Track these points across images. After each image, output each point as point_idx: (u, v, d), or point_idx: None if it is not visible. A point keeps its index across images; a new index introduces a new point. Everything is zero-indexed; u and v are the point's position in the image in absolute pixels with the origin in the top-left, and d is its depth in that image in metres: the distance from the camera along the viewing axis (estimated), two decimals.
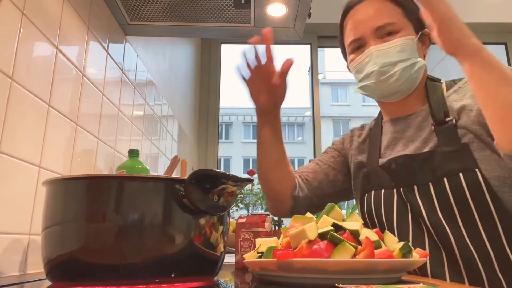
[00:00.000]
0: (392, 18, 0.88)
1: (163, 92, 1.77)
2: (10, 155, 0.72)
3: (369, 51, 0.88)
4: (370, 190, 0.92)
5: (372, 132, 1.01)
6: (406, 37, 0.87)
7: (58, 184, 0.53)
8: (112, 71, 1.18)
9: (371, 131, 1.02)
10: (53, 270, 0.52)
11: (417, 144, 0.87)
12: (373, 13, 0.89)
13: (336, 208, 0.61)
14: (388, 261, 0.51)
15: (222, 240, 0.58)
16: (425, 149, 0.84)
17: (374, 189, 0.91)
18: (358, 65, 0.91)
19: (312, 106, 2.77)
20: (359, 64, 0.91)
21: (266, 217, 0.81)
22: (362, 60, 0.90)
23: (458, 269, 0.77)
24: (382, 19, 0.88)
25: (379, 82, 0.88)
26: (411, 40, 0.87)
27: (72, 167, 0.93)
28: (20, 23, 0.75)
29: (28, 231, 0.77)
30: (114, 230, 0.49)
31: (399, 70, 0.85)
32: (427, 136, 0.86)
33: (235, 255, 0.82)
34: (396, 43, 0.86)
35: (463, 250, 0.76)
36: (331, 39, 2.82)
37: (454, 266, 0.77)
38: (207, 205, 0.51)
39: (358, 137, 1.05)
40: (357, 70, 0.92)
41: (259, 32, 0.85)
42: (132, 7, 1.13)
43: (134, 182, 0.51)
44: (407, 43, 0.86)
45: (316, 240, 0.53)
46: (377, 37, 0.88)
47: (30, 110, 0.78)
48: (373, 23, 0.88)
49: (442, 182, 0.78)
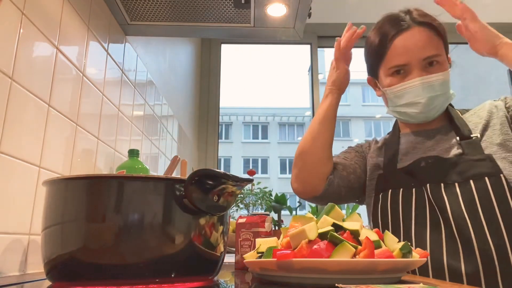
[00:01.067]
0: (438, 50, 0.93)
1: (163, 92, 1.77)
2: (10, 155, 0.72)
3: (415, 82, 0.92)
4: (387, 190, 0.94)
5: (388, 141, 1.05)
6: (447, 71, 0.93)
7: (58, 184, 0.53)
8: (112, 71, 1.18)
9: (387, 140, 1.06)
10: (53, 270, 0.52)
11: (438, 152, 0.92)
12: (423, 43, 0.93)
13: (336, 208, 0.61)
14: (388, 261, 0.51)
15: (222, 240, 0.58)
16: (449, 156, 0.90)
17: (391, 188, 0.93)
18: (399, 91, 0.95)
19: (312, 106, 2.77)
20: (401, 90, 0.94)
21: (266, 217, 0.81)
22: (405, 87, 0.94)
23: (474, 259, 0.79)
24: (431, 50, 0.92)
25: (422, 113, 0.94)
26: (448, 73, 0.94)
27: (72, 167, 0.93)
28: (20, 23, 0.75)
29: (28, 231, 0.77)
30: (114, 230, 0.49)
31: (440, 103, 0.93)
32: (448, 147, 0.92)
33: (235, 255, 0.82)
34: (440, 77, 0.92)
35: (481, 242, 0.79)
36: (331, 39, 2.81)
37: (469, 257, 0.80)
38: (207, 205, 0.51)
39: (375, 144, 1.08)
40: (397, 96, 0.96)
41: (259, 32, 0.86)
42: (132, 7, 1.13)
43: (134, 182, 0.51)
44: (447, 76, 0.93)
45: (316, 240, 0.53)
46: (422, 67, 0.93)
47: (30, 110, 0.78)
48: (423, 53, 0.92)
49: (469, 183, 0.84)
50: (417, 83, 0.92)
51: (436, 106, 0.93)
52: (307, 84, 22.72)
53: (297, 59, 26.18)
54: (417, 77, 0.91)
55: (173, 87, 2.01)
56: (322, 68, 4.00)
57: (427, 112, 0.94)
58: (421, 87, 0.91)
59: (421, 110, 0.93)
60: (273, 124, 19.21)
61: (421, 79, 0.91)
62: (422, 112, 0.93)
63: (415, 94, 0.92)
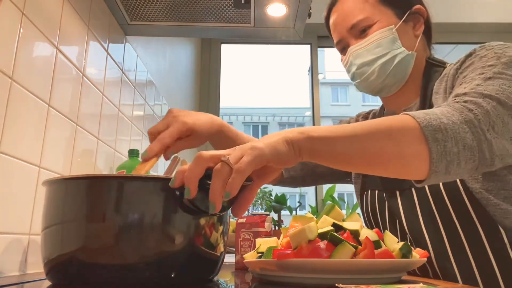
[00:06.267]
0: (363, 13, 0.85)
1: (163, 92, 1.77)
2: (10, 155, 0.72)
3: (348, 53, 0.88)
4: (367, 189, 0.93)
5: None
6: (381, 30, 0.84)
7: (58, 184, 0.53)
8: (112, 71, 1.18)
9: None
10: (53, 270, 0.52)
11: None
12: (346, 11, 0.88)
13: (336, 208, 0.61)
14: (388, 261, 0.51)
15: (222, 240, 0.58)
16: None
17: (370, 189, 0.92)
18: (345, 67, 0.92)
19: (312, 106, 2.77)
20: (345, 66, 0.92)
21: (266, 217, 0.81)
22: (345, 62, 0.91)
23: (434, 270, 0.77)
24: (354, 17, 0.86)
25: (361, 82, 0.88)
26: (388, 31, 0.84)
27: (72, 167, 0.93)
28: (20, 23, 0.75)
29: (28, 231, 0.77)
30: (114, 230, 0.49)
31: (377, 67, 0.84)
32: None
33: (235, 255, 0.82)
34: (370, 40, 0.84)
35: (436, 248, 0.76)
36: (331, 39, 2.81)
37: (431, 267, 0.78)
38: (207, 205, 0.51)
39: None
40: (347, 71, 0.93)
41: (259, 32, 0.86)
42: (132, 7, 1.13)
43: (134, 182, 0.51)
44: (383, 36, 0.83)
45: (316, 240, 0.53)
46: (354, 36, 0.87)
47: (30, 110, 0.78)
48: (347, 23, 0.87)
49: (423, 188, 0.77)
50: (349, 53, 0.88)
51: (374, 72, 0.85)
52: (307, 84, 22.73)
53: (297, 59, 26.18)
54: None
55: (173, 87, 2.01)
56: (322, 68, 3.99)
57: (366, 80, 0.87)
58: (352, 57, 0.87)
59: (358, 78, 0.88)
60: (273, 124, 19.19)
61: (351, 48, 0.87)
62: (361, 80, 0.88)
63: (351, 66, 0.88)
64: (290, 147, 0.52)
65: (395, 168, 0.57)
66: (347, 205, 2.49)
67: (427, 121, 0.56)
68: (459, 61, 0.79)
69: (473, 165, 0.58)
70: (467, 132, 0.57)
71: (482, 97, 0.62)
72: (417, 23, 0.88)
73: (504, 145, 0.60)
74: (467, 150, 0.57)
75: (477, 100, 0.61)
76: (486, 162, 0.59)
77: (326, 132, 0.55)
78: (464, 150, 0.57)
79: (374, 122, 0.57)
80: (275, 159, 0.51)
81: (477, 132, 0.58)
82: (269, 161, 0.51)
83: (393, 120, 0.58)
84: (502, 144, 0.60)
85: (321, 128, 0.55)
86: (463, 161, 0.57)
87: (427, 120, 0.56)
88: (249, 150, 0.50)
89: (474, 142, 0.57)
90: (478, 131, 0.58)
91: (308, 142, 0.53)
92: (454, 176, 0.60)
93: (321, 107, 2.80)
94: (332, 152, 0.54)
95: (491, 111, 0.60)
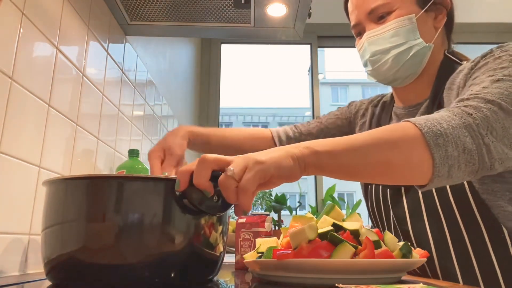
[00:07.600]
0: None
1: (163, 92, 1.77)
2: (10, 155, 0.72)
3: (364, 38, 0.86)
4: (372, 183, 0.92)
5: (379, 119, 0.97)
6: (401, 19, 0.81)
7: (58, 184, 0.53)
8: (112, 71, 1.18)
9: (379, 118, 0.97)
10: (53, 270, 0.52)
11: None
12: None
13: (336, 208, 0.61)
14: (388, 261, 0.51)
15: (222, 240, 0.58)
16: None
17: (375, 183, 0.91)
18: (359, 51, 0.90)
19: (312, 106, 2.77)
20: (359, 51, 0.90)
21: (266, 217, 0.81)
22: (360, 48, 0.89)
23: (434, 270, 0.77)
24: (374, 1, 0.83)
25: (374, 71, 0.87)
26: (408, 20, 0.81)
27: (72, 167, 0.93)
28: (20, 23, 0.75)
29: (28, 231, 0.77)
30: (114, 230, 0.49)
31: (392, 57, 0.82)
32: None
33: (235, 255, 0.82)
34: (387, 28, 0.82)
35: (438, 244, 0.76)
36: (331, 39, 2.81)
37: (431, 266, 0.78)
38: (207, 205, 0.51)
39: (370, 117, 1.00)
40: (360, 56, 0.90)
41: (259, 32, 0.85)
42: (132, 7, 1.13)
43: (134, 182, 0.51)
44: (401, 24, 0.81)
45: (316, 240, 0.53)
46: (372, 21, 0.85)
47: (30, 110, 0.78)
48: (366, 6, 0.84)
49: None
50: (364, 40, 0.86)
51: (387, 62, 0.82)
52: (307, 84, 22.73)
53: (297, 59, 26.18)
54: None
55: (173, 87, 2.01)
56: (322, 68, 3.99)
57: (379, 69, 0.85)
58: (367, 43, 0.85)
59: (371, 66, 0.86)
60: (273, 124, 19.16)
61: (366, 34, 0.85)
62: (373, 69, 0.86)
63: (365, 52, 0.86)
64: (296, 162, 0.53)
65: (401, 175, 0.59)
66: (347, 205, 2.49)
67: (428, 127, 0.57)
68: (474, 60, 0.78)
69: (473, 168, 0.59)
70: (467, 136, 0.58)
71: (484, 102, 0.62)
72: (439, 14, 0.85)
73: (504, 149, 0.61)
74: (466, 154, 0.57)
75: (478, 105, 0.62)
76: (485, 166, 0.59)
77: (330, 145, 0.55)
78: (464, 153, 0.57)
79: (377, 132, 0.59)
80: (279, 174, 0.52)
81: (476, 136, 0.58)
82: (273, 176, 0.51)
83: (395, 128, 0.59)
84: (501, 149, 0.60)
85: (325, 142, 0.56)
86: (463, 164, 0.58)
87: (428, 126, 0.57)
88: (252, 164, 0.50)
89: (473, 145, 0.58)
90: (477, 135, 0.58)
91: (314, 157, 0.54)
92: (456, 180, 0.60)
93: (321, 107, 2.80)
94: (338, 165, 0.55)
95: (490, 116, 0.60)
